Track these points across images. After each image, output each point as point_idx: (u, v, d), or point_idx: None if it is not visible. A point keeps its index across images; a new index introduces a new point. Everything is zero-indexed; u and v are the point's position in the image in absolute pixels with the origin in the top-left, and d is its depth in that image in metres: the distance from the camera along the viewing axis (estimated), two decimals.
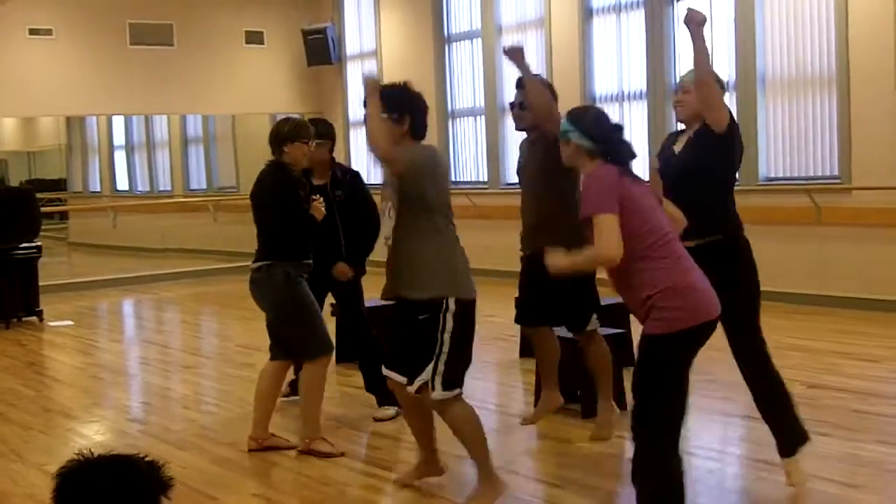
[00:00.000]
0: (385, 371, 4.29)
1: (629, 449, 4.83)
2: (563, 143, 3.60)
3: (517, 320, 5.19)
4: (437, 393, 4.05)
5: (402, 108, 4.15)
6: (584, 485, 4.41)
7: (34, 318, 9.83)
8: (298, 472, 4.87)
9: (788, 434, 4.06)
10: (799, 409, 4.17)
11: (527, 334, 5.63)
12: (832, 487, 4.19)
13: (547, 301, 4.89)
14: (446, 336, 4.03)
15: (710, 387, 3.76)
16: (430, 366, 4.04)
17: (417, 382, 4.08)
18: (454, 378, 4.07)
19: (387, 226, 4.20)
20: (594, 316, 4.88)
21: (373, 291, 4.66)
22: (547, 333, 5.09)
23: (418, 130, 4.17)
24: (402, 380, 4.19)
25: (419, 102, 4.19)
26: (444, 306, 4.02)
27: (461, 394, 4.12)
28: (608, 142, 3.50)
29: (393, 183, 4.15)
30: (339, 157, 14.39)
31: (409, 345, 4.16)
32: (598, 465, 4.67)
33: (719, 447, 4.70)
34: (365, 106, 4.14)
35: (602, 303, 5.78)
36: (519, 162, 5.10)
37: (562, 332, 5.22)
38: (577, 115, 3.64)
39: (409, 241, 4.10)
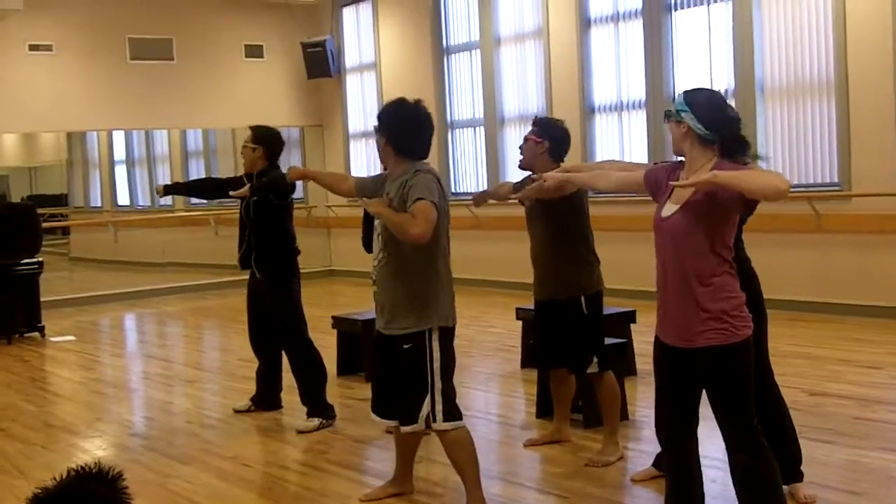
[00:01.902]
0: (375, 418, 4.35)
1: (631, 459, 4.87)
2: (674, 122, 3.40)
3: (542, 364, 5.22)
4: (439, 424, 4.11)
5: (382, 123, 4.24)
6: (585, 494, 4.41)
7: (36, 334, 9.84)
8: (300, 484, 4.88)
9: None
10: (797, 448, 4.15)
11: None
12: (834, 495, 4.18)
13: (559, 344, 4.94)
14: (435, 366, 4.08)
15: None
16: (427, 399, 4.08)
17: (421, 420, 4.10)
18: (454, 408, 4.14)
19: (376, 249, 4.21)
20: (595, 360, 4.86)
21: (364, 304, 4.65)
22: (564, 373, 5.12)
23: (398, 146, 4.20)
24: (394, 423, 4.25)
25: (395, 120, 4.22)
26: (428, 334, 4.08)
27: (463, 424, 4.19)
28: (726, 133, 3.35)
29: (392, 205, 4.09)
30: (337, 169, 14.44)
31: (395, 386, 4.18)
32: (600, 476, 4.67)
33: (722, 456, 4.68)
34: (380, 217, 4.07)
35: (607, 311, 5.79)
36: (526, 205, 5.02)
37: None
38: (693, 97, 3.40)
39: (406, 273, 4.08)
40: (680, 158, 3.52)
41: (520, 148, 4.96)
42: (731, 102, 9.08)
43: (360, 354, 6.98)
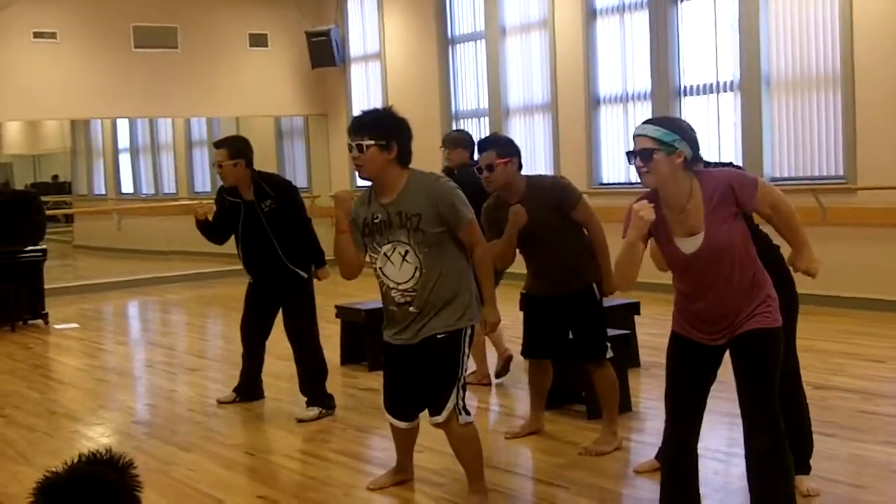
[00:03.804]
0: (395, 422, 4.32)
1: (634, 451, 4.86)
2: (664, 155, 3.25)
3: (525, 354, 5.21)
4: (464, 418, 4.09)
5: (388, 133, 4.02)
6: (588, 485, 4.41)
7: (39, 321, 9.85)
8: (303, 473, 4.88)
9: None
10: (810, 440, 4.15)
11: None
12: (838, 488, 4.18)
13: (555, 336, 4.98)
14: (465, 359, 4.08)
15: (717, 387, 3.76)
16: (454, 392, 4.05)
17: (446, 413, 4.05)
18: (466, 402, 4.13)
19: (403, 272, 4.03)
20: (609, 345, 4.90)
21: (368, 293, 4.64)
22: (544, 364, 5.15)
23: (405, 157, 4.07)
24: (413, 424, 4.29)
25: (405, 128, 4.09)
26: (464, 332, 4.07)
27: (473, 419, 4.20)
28: (696, 145, 3.35)
29: (423, 222, 3.99)
30: (341, 159, 14.42)
31: (421, 385, 4.15)
32: (602, 467, 4.66)
33: (725, 448, 4.70)
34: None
35: (607, 304, 5.76)
36: (498, 221, 4.84)
37: None
38: (672, 123, 3.36)
39: (446, 280, 4.04)
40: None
41: (483, 176, 4.80)
42: (737, 95, 9.11)
43: (363, 344, 6.98)
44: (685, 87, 9.62)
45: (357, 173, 4.16)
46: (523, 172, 4.91)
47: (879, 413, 5.35)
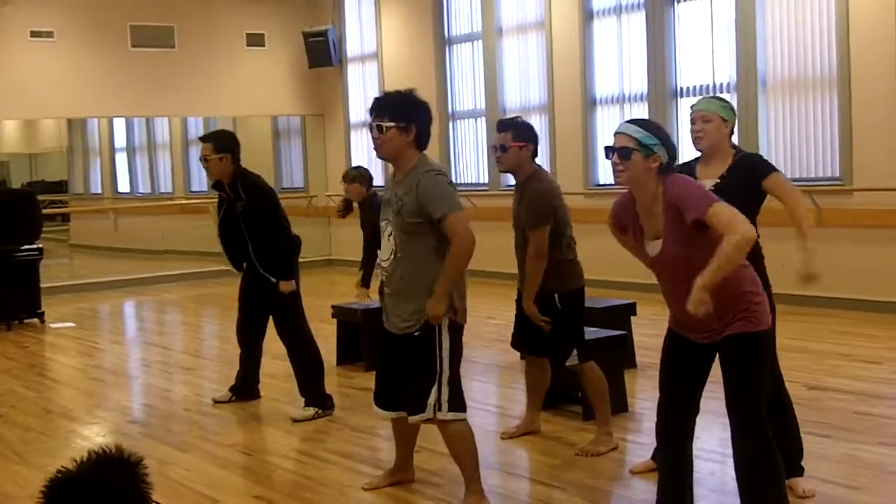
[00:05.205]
0: (377, 411, 4.33)
1: (630, 451, 4.87)
2: (641, 157, 3.27)
3: (513, 345, 5.26)
4: (444, 414, 4.07)
5: (408, 116, 4.05)
6: (584, 486, 4.42)
7: (35, 320, 9.84)
8: (299, 473, 4.88)
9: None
10: (799, 442, 4.16)
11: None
12: (832, 489, 4.19)
13: (529, 333, 4.98)
14: (444, 354, 4.04)
15: (711, 387, 3.76)
16: (434, 388, 4.03)
17: (429, 409, 4.04)
18: (459, 399, 4.10)
19: (385, 249, 4.12)
20: (574, 352, 4.86)
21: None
22: (540, 363, 5.15)
23: (423, 140, 4.09)
24: (403, 415, 4.23)
25: (425, 111, 4.11)
26: (438, 326, 4.03)
27: (465, 417, 4.16)
28: (674, 153, 3.34)
29: (404, 208, 4.01)
30: (337, 158, 14.43)
31: (402, 377, 4.15)
32: (598, 467, 4.67)
33: (721, 449, 4.70)
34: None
35: (604, 304, 5.77)
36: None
37: None
38: (655, 129, 3.36)
39: (417, 271, 4.03)
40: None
41: (496, 156, 4.88)
42: (734, 96, 9.12)
43: (359, 344, 6.98)
44: (682, 89, 9.63)
45: (375, 152, 4.19)
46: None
47: (874, 414, 5.36)
